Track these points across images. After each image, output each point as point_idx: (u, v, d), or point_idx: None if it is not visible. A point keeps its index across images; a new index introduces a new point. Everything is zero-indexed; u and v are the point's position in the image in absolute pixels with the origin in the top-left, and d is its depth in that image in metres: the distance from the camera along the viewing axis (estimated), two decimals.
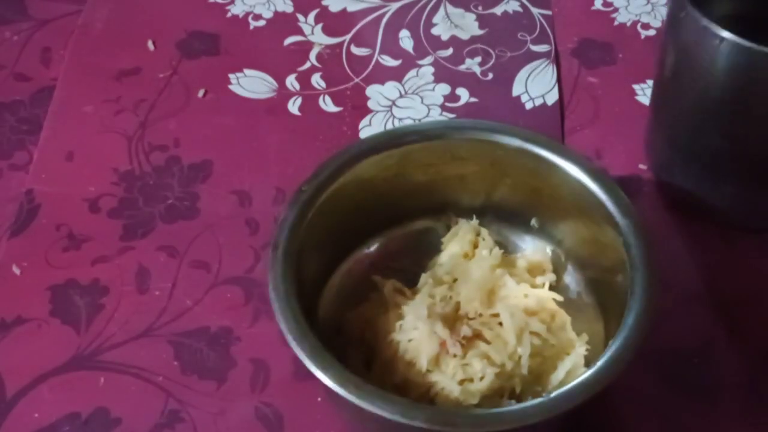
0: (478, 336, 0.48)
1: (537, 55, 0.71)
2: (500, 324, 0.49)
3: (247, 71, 0.70)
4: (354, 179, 0.52)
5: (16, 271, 0.58)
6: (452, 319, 0.49)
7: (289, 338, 0.44)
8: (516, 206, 0.55)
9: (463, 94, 0.68)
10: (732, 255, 0.59)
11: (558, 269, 0.54)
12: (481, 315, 0.50)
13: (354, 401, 0.43)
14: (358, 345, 0.51)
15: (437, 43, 0.72)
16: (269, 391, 0.52)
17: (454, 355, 0.48)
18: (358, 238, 0.55)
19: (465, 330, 0.48)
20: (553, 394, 0.43)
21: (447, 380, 0.47)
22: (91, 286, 0.57)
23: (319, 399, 0.52)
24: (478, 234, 0.54)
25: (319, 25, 0.73)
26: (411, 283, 0.53)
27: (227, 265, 0.58)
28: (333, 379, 0.43)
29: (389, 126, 0.66)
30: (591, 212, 0.51)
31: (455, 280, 0.52)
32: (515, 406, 0.44)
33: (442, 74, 0.70)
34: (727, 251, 0.59)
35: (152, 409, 0.52)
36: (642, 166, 0.63)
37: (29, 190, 0.62)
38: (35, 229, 0.60)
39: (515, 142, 0.52)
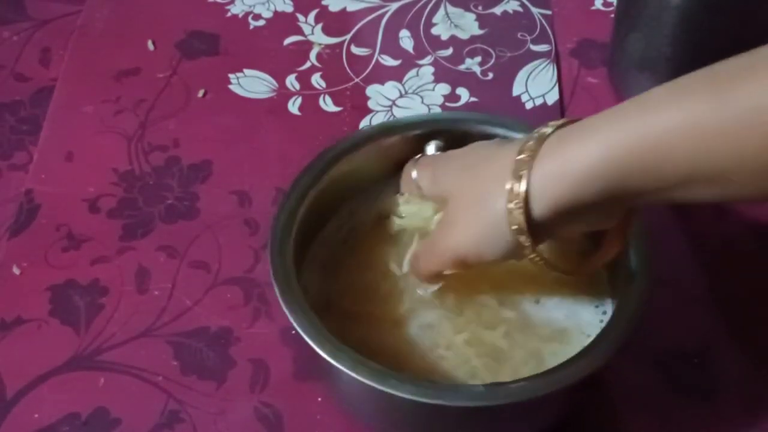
0: None
1: (537, 55, 0.71)
2: None
3: (247, 71, 0.70)
4: (350, 168, 0.53)
5: (16, 271, 0.58)
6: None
7: (291, 317, 0.45)
8: None
9: (464, 94, 0.68)
10: (732, 255, 0.59)
11: None
12: None
13: (350, 373, 0.43)
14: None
15: (437, 43, 0.72)
16: (269, 391, 0.52)
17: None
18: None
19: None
20: (547, 373, 0.44)
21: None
22: (91, 286, 0.57)
23: (320, 399, 0.52)
24: None
25: (319, 25, 0.73)
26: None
27: (227, 265, 0.58)
28: (330, 354, 0.44)
29: None
30: None
31: None
32: (511, 381, 0.44)
33: (442, 74, 0.70)
34: (727, 251, 0.59)
35: (152, 409, 0.52)
36: None
37: (29, 190, 0.62)
38: (35, 229, 0.60)
39: (516, 137, 0.52)
